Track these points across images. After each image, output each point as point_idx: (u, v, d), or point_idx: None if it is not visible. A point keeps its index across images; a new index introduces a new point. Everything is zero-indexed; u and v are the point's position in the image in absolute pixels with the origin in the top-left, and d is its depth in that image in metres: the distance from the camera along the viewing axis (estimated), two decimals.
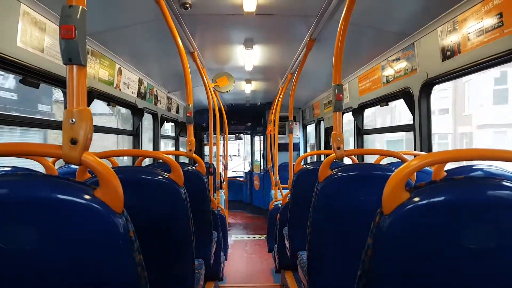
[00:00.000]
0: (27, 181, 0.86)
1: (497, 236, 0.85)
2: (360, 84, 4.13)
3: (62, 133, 0.90)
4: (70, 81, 0.92)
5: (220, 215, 3.62)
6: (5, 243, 0.82)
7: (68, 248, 0.85)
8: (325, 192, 1.68)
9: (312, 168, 2.43)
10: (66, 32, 0.91)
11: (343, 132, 1.83)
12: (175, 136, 6.70)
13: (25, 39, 2.09)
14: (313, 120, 7.15)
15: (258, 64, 4.52)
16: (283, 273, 3.65)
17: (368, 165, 1.80)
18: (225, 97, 7.31)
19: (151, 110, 4.76)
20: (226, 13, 2.88)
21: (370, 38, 3.22)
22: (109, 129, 4.02)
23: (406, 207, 0.87)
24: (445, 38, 2.42)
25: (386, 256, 0.90)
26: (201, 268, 2.11)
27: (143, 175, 1.54)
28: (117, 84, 3.52)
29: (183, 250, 1.62)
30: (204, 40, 3.61)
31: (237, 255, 5.77)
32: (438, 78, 2.60)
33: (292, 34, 3.41)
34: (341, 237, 1.72)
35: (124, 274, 0.88)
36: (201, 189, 2.27)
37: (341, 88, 1.79)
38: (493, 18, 1.96)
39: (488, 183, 0.89)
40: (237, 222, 8.46)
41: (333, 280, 1.77)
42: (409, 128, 3.06)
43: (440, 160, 0.96)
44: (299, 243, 2.41)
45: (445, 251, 0.88)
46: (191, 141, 2.63)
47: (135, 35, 3.15)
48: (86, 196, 0.84)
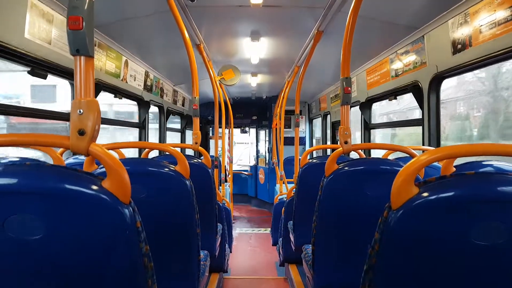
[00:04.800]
0: (35, 172, 0.86)
1: (508, 232, 0.84)
2: (368, 77, 4.08)
3: (69, 124, 0.90)
4: (77, 72, 0.92)
5: (225, 208, 3.64)
6: (14, 232, 0.83)
7: (75, 238, 0.85)
8: (331, 186, 1.67)
9: (319, 162, 2.42)
10: (74, 23, 0.90)
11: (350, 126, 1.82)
12: (181, 129, 6.71)
13: (33, 31, 2.09)
14: (319, 114, 7.10)
15: (265, 57, 4.49)
16: (287, 266, 3.66)
17: (375, 159, 1.78)
18: (230, 90, 7.29)
19: (157, 102, 4.76)
20: (233, 5, 2.85)
21: (379, 30, 3.17)
22: (115, 121, 4.04)
23: (415, 202, 0.86)
24: (456, 31, 2.38)
25: (393, 251, 0.89)
26: (206, 260, 2.12)
27: (149, 167, 1.55)
28: (123, 76, 3.52)
29: (189, 241, 1.63)
30: (211, 32, 3.59)
31: (241, 247, 5.80)
32: (448, 72, 2.55)
33: (299, 26, 3.37)
34: (347, 232, 1.71)
35: (131, 264, 0.89)
36: (207, 181, 2.28)
37: (349, 81, 1.77)
38: (506, 10, 1.91)
39: (499, 179, 0.88)
40: (242, 215, 8.50)
41: (338, 274, 1.77)
42: (418, 123, 3.02)
43: (450, 155, 0.95)
44: (304, 237, 2.42)
45: (454, 247, 0.86)
46: (196, 134, 2.63)
47: (141, 28, 3.14)
48: (94, 187, 0.84)
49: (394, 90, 3.47)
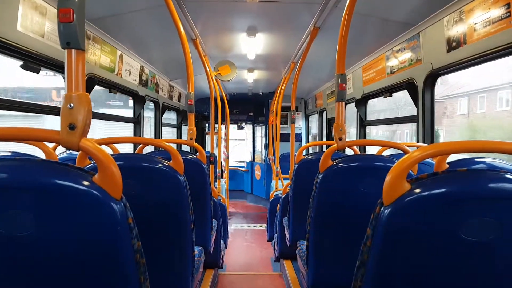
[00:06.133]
0: (25, 167, 0.85)
1: (499, 229, 0.85)
2: (364, 74, 4.09)
3: (60, 118, 0.89)
4: (68, 65, 0.91)
5: (220, 204, 3.64)
6: (3, 228, 0.82)
7: (65, 234, 0.85)
8: (325, 182, 1.68)
9: (314, 158, 2.42)
10: (64, 16, 0.89)
11: (345, 123, 1.82)
12: (177, 125, 6.68)
13: (26, 24, 2.06)
14: (315, 111, 7.11)
15: (261, 52, 4.47)
16: (282, 262, 3.68)
17: (369, 156, 1.79)
18: (227, 86, 7.26)
19: (153, 97, 4.73)
20: (229, 0, 2.83)
21: (375, 27, 3.16)
22: (109, 116, 4.01)
23: (406, 198, 0.86)
24: (451, 28, 2.38)
25: (385, 247, 0.90)
26: (201, 256, 2.12)
27: (143, 162, 1.54)
28: (118, 70, 3.49)
29: (182, 237, 1.63)
30: (207, 27, 3.56)
31: (237, 243, 5.82)
32: (443, 70, 2.56)
33: (296, 22, 3.35)
34: (341, 228, 1.72)
35: (123, 260, 0.88)
36: (202, 177, 2.27)
37: (344, 77, 1.77)
38: (500, 8, 1.92)
39: (491, 176, 0.88)
40: (238, 211, 8.51)
41: (331, 270, 1.78)
42: (412, 120, 3.03)
43: (442, 152, 0.95)
44: (299, 233, 2.43)
45: (444, 243, 0.87)
46: (192, 130, 2.62)
47: (136, 21, 3.11)
48: (85, 182, 0.84)
49: (389, 87, 3.47)
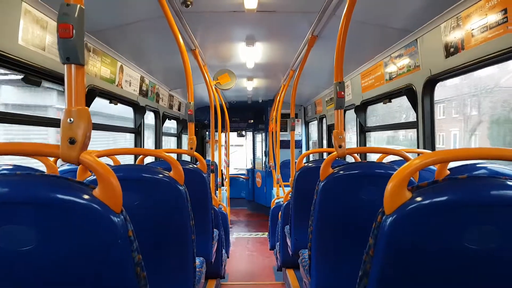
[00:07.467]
0: (26, 181, 0.85)
1: (501, 236, 0.84)
2: (363, 81, 4.10)
3: (60, 132, 0.89)
4: (68, 80, 0.91)
5: (221, 212, 3.62)
6: (4, 243, 0.82)
7: (66, 248, 0.84)
8: (326, 191, 1.67)
9: (314, 166, 2.42)
10: (64, 31, 0.90)
11: (344, 129, 1.82)
12: (177, 134, 6.69)
13: (27, 38, 2.08)
14: (315, 117, 7.12)
15: (260, 61, 4.50)
16: (284, 271, 3.65)
17: (370, 163, 1.78)
18: (226, 94, 7.29)
19: (153, 107, 4.75)
20: (228, 11, 2.86)
21: (373, 34, 3.19)
22: (110, 127, 4.02)
23: (408, 207, 0.86)
24: (448, 34, 2.40)
25: (387, 257, 0.89)
26: (202, 267, 2.11)
27: (143, 173, 1.54)
28: (119, 82, 3.51)
29: (183, 248, 1.62)
30: (206, 37, 3.60)
31: (239, 252, 5.78)
32: (442, 75, 2.57)
33: (294, 31, 3.38)
34: (343, 237, 1.71)
35: (123, 274, 0.88)
36: (202, 187, 2.27)
37: (342, 85, 1.77)
38: (497, 14, 1.93)
39: (492, 183, 0.88)
40: (239, 219, 8.47)
41: (334, 280, 1.76)
42: (412, 126, 3.03)
43: (443, 160, 0.95)
44: (301, 242, 2.41)
45: (447, 252, 0.86)
46: (192, 139, 2.63)
47: (136, 33, 3.14)
48: (85, 196, 0.84)
49: (388, 93, 3.48)
